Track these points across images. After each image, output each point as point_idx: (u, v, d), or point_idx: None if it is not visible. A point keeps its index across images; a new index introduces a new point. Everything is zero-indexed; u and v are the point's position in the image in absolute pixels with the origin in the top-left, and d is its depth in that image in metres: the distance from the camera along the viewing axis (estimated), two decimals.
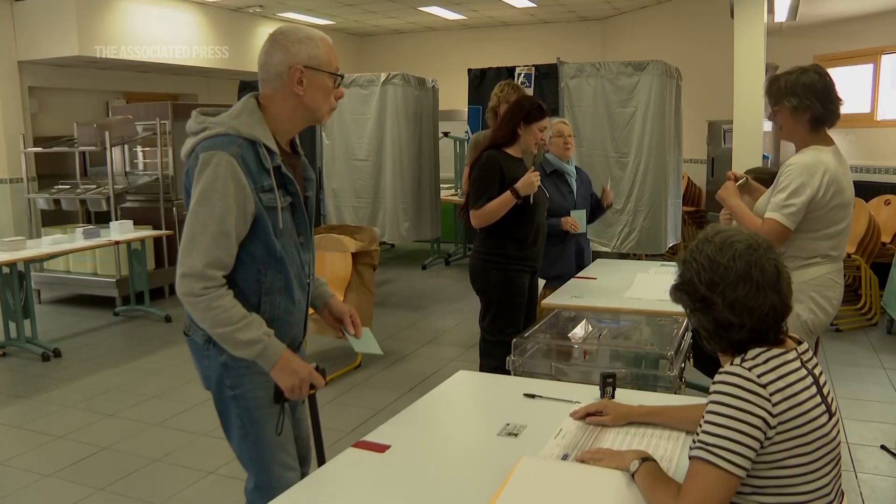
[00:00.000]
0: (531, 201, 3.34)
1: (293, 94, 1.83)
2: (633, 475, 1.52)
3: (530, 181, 3.25)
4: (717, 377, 1.42)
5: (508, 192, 3.25)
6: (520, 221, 3.35)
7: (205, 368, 1.92)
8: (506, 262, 3.37)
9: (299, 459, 2.07)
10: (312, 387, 1.90)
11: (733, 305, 1.43)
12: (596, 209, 4.21)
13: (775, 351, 1.43)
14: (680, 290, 1.53)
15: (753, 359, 1.41)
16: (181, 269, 1.74)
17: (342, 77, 1.90)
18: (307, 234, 1.97)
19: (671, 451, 1.70)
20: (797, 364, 1.43)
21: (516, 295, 3.40)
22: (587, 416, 1.87)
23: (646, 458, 1.53)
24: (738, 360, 1.42)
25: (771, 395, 1.36)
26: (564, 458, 1.68)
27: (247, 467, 1.98)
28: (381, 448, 1.74)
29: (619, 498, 1.48)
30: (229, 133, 1.77)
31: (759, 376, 1.37)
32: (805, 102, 2.50)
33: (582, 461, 1.63)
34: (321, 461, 1.99)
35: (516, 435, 1.82)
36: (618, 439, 1.77)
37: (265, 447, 1.93)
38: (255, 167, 1.78)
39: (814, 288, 2.55)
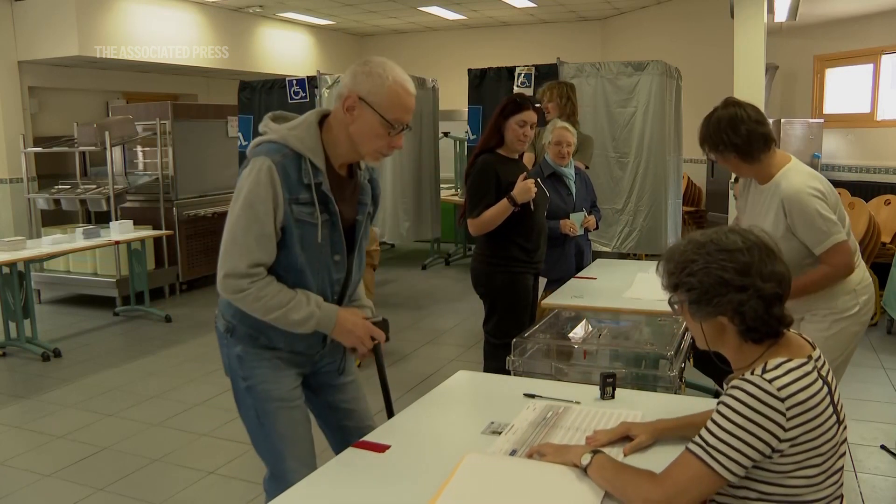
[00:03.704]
0: (531, 207, 3.30)
1: (343, 119, 1.86)
2: (585, 468, 1.49)
3: (526, 188, 3.20)
4: (737, 382, 1.38)
5: (505, 200, 3.19)
6: (522, 226, 3.31)
7: (224, 356, 2.02)
8: (511, 265, 3.34)
9: (357, 431, 2.09)
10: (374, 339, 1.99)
11: (769, 279, 1.42)
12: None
13: (796, 362, 1.39)
14: (707, 306, 1.46)
15: (775, 369, 1.37)
16: (224, 270, 1.82)
17: (402, 129, 1.89)
18: (343, 254, 1.98)
19: (617, 448, 1.68)
20: (815, 376, 1.40)
21: (522, 297, 3.38)
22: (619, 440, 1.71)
23: (596, 451, 1.51)
24: (759, 370, 1.38)
25: (788, 409, 1.33)
26: (512, 453, 1.68)
27: (262, 457, 2.05)
28: (380, 448, 1.75)
29: (561, 492, 1.48)
30: (278, 142, 1.84)
31: (779, 389, 1.34)
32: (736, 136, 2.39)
33: (529, 457, 1.63)
34: (390, 414, 2.08)
35: None
36: (566, 436, 1.77)
37: (279, 440, 1.98)
38: (295, 179, 1.83)
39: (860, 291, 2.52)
